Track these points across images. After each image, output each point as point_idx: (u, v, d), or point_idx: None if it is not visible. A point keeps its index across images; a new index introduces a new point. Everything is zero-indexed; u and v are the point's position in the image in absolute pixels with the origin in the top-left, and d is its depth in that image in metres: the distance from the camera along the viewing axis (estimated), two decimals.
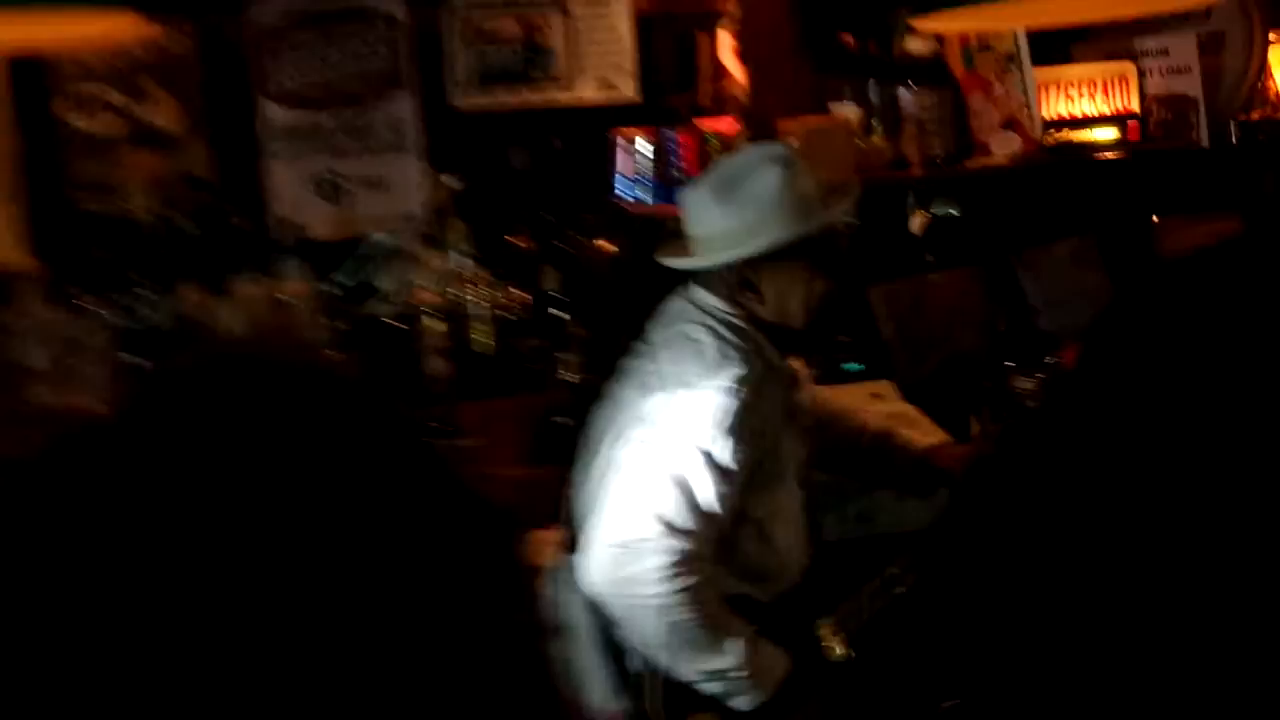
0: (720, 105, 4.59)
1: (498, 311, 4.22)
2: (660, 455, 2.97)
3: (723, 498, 2.96)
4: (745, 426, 2.95)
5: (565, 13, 4.48)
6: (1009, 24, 4.18)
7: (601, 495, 3.06)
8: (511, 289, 4.25)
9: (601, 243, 4.36)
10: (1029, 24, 4.19)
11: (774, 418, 3.03)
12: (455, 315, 4.24)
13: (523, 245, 4.33)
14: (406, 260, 4.27)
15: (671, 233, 3.21)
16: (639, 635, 3.05)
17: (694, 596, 3.00)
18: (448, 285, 4.23)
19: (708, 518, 2.95)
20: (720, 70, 4.59)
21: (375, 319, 4.16)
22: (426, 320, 4.16)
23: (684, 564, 2.99)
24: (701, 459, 2.95)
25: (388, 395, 0.86)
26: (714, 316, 3.05)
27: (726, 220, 3.00)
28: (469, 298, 4.21)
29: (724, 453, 2.93)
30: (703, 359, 2.99)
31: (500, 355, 4.22)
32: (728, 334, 3.02)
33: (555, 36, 4.47)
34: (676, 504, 2.98)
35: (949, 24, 3.79)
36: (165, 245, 4.19)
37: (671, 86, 4.62)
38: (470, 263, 4.23)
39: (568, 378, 4.16)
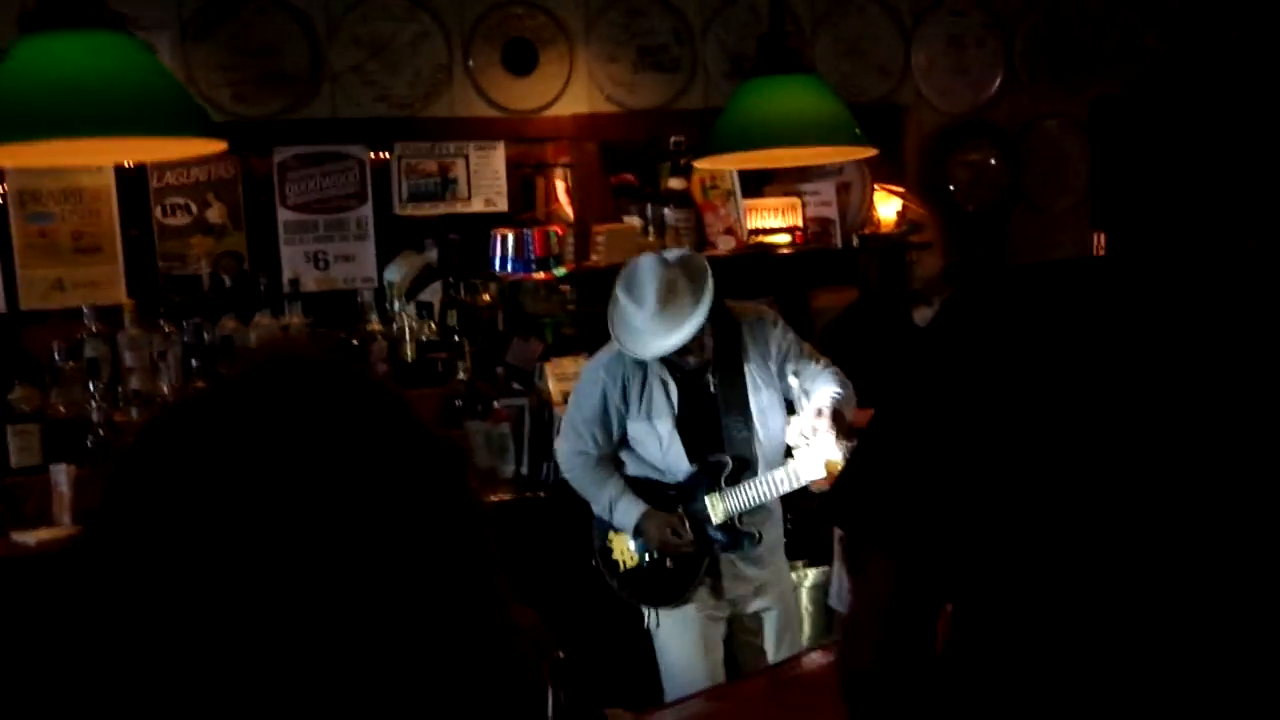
0: (549, 218, 4.87)
1: (421, 336, 4.51)
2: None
3: (576, 422, 3.34)
4: (585, 382, 3.34)
5: (465, 159, 4.64)
6: (743, 165, 4.27)
7: None
8: (428, 323, 4.54)
9: (484, 295, 4.66)
10: (756, 165, 4.29)
11: (627, 384, 3.24)
12: (391, 338, 4.45)
13: (436, 298, 4.61)
14: (364, 307, 4.48)
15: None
16: None
17: (572, 468, 3.38)
18: (389, 320, 4.53)
19: (575, 429, 3.35)
20: (552, 198, 4.88)
21: (343, 339, 4.33)
22: (374, 342, 4.42)
23: (567, 452, 3.39)
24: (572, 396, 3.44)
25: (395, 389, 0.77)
26: None
27: (620, 329, 3.20)
28: (401, 326, 4.51)
29: (577, 394, 3.40)
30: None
31: (419, 362, 4.43)
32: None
33: (459, 172, 4.65)
34: (565, 420, 3.45)
35: (713, 164, 4.04)
36: (214, 294, 4.46)
37: (521, 206, 4.88)
38: (402, 306, 4.55)
39: (461, 376, 4.41)
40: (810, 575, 4.10)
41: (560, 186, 4.88)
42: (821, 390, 3.29)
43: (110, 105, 2.36)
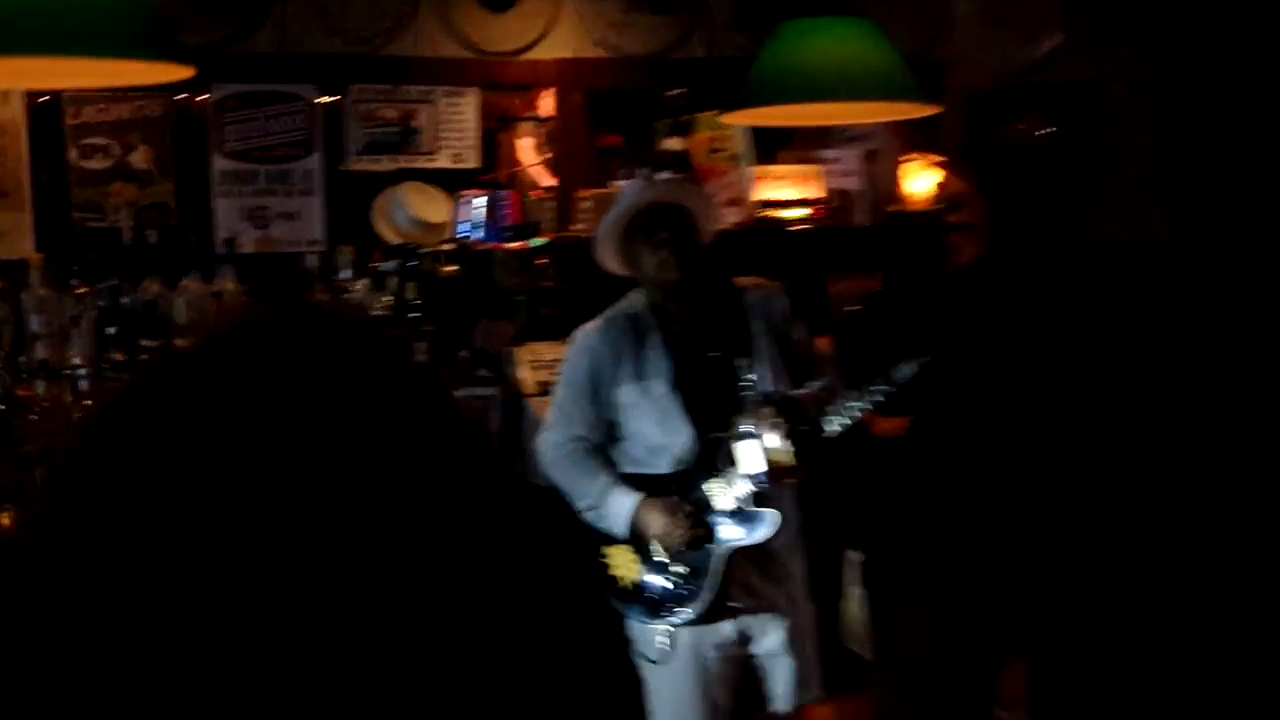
0: (512, 180, 4.89)
1: (372, 311, 4.35)
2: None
3: (564, 400, 3.42)
4: (574, 353, 3.42)
5: (431, 106, 4.68)
6: (781, 122, 4.33)
7: None
8: (381, 296, 4.48)
9: (447, 266, 4.64)
10: (795, 122, 4.41)
11: (620, 347, 3.37)
12: None
13: (390, 267, 4.56)
14: (309, 275, 4.44)
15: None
16: None
17: (557, 460, 3.44)
18: (338, 291, 4.42)
19: (564, 412, 3.43)
20: (514, 158, 4.90)
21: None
22: None
23: (553, 441, 3.45)
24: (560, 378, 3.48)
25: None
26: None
27: (610, 213, 3.39)
28: (351, 298, 4.38)
29: (564, 371, 3.46)
30: None
31: None
32: (626, 298, 3.42)
33: (423, 121, 4.68)
34: (552, 406, 3.50)
35: (745, 119, 4.09)
36: (137, 252, 4.41)
37: (482, 166, 4.88)
38: (352, 274, 4.50)
39: (418, 358, 3.97)
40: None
41: (528, 144, 4.92)
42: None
43: (60, 16, 2.35)
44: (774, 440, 3.29)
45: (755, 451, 3.32)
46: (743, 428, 3.33)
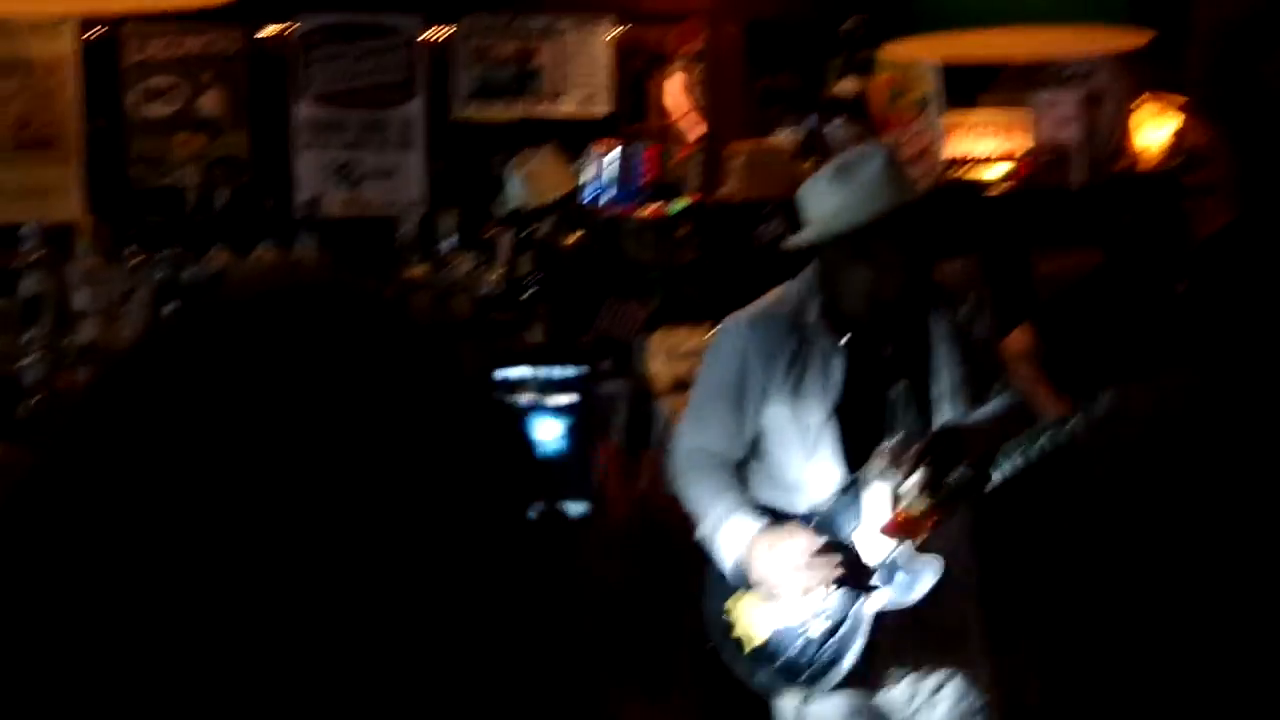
0: (664, 133, 4.78)
1: (481, 289, 4.45)
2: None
3: (702, 403, 3.29)
4: (721, 349, 3.29)
5: (557, 40, 4.69)
6: (958, 56, 4.30)
7: None
8: (493, 270, 4.48)
9: (570, 235, 4.58)
10: (975, 57, 4.39)
11: (777, 353, 3.21)
12: (439, 289, 4.43)
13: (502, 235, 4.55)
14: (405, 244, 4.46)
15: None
16: None
17: (685, 471, 3.30)
18: (439, 263, 4.47)
19: (699, 415, 3.30)
20: (668, 106, 4.80)
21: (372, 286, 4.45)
22: (415, 293, 4.40)
23: (684, 450, 3.33)
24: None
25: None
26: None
27: (835, 197, 3.20)
28: (455, 272, 4.47)
29: (707, 366, 3.34)
30: None
31: (475, 323, 4.39)
32: (784, 288, 3.25)
33: (545, 58, 4.68)
34: (689, 407, 3.39)
35: (911, 51, 4.03)
36: (202, 215, 4.45)
37: (629, 115, 4.85)
38: (457, 244, 4.48)
39: (533, 343, 4.41)
40: None
41: (680, 88, 4.76)
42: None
43: None
44: (910, 487, 3.13)
45: (883, 500, 3.19)
46: (876, 469, 3.20)
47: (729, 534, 3.22)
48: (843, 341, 3.22)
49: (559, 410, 4.36)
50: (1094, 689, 3.89)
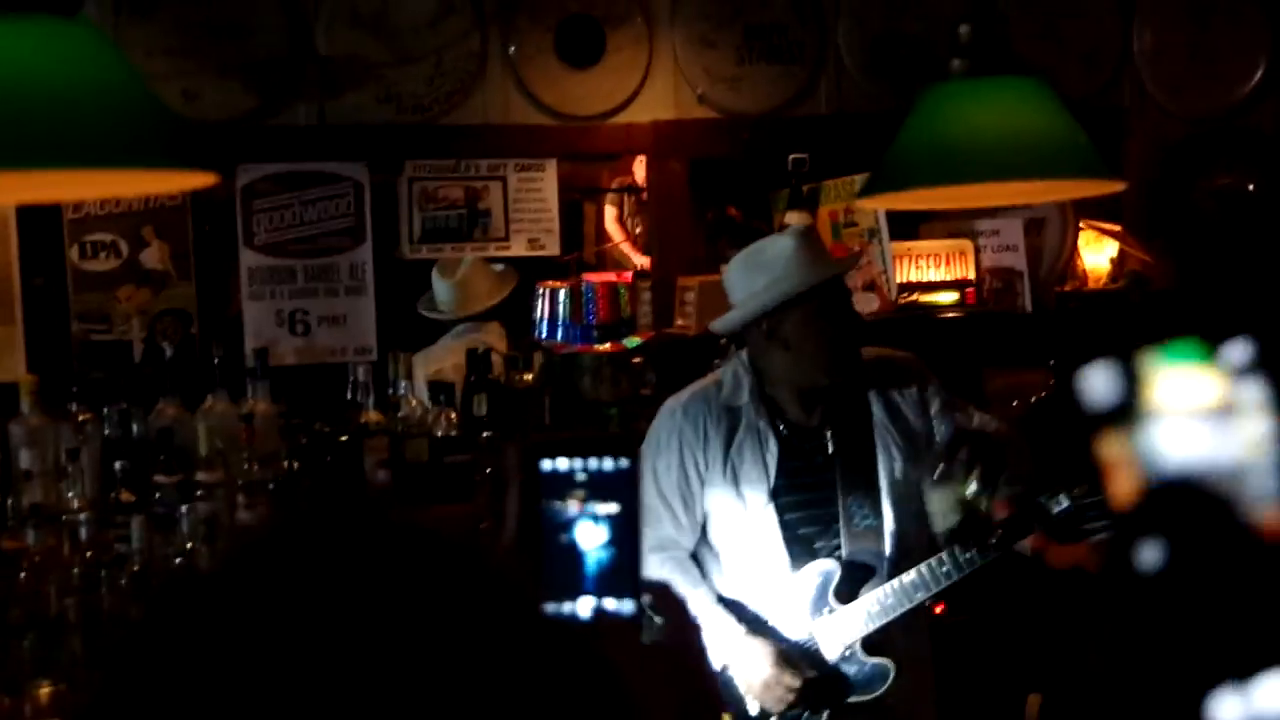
0: (601, 262, 4.81)
1: (436, 431, 4.32)
2: None
3: (650, 495, 3.24)
4: (659, 436, 3.29)
5: (503, 182, 4.70)
6: (932, 205, 4.30)
7: None
8: (447, 412, 4.34)
9: (525, 374, 4.49)
10: (949, 205, 4.33)
11: (711, 435, 3.25)
12: (394, 433, 4.33)
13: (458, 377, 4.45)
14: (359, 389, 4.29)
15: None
16: None
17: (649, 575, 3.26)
18: (392, 408, 4.32)
19: (653, 510, 3.24)
20: (604, 235, 4.84)
21: (325, 434, 4.26)
22: (370, 438, 4.27)
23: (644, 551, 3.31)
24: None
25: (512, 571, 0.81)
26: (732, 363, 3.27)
27: (746, 280, 3.23)
28: (410, 416, 4.32)
29: (650, 456, 3.28)
30: None
31: (433, 468, 4.26)
32: (719, 371, 3.31)
33: (493, 200, 4.70)
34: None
35: (889, 204, 4.05)
36: (150, 368, 4.36)
37: (565, 245, 4.88)
38: (410, 389, 4.37)
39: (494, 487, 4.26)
40: None
41: (609, 213, 4.94)
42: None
43: (64, 126, 2.25)
44: (975, 487, 3.15)
45: (949, 504, 3.20)
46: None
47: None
48: (781, 427, 3.23)
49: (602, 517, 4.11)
50: None
